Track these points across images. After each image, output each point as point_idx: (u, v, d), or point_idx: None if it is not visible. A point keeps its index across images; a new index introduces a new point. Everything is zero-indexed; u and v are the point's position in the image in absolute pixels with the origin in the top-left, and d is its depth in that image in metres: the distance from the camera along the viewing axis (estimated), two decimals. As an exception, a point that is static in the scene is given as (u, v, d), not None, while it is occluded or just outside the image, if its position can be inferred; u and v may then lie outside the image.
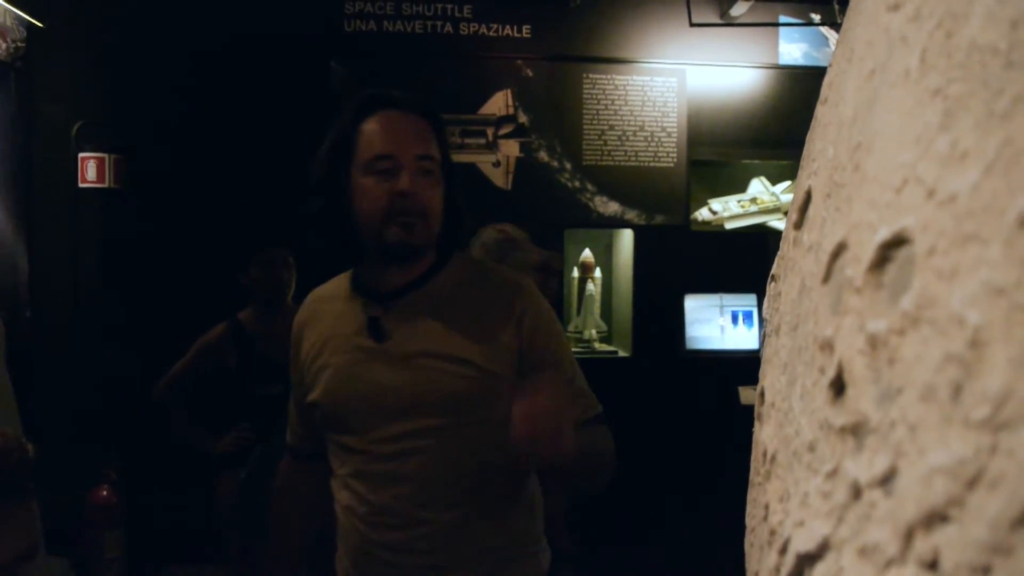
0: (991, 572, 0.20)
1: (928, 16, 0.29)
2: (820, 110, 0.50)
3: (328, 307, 1.46)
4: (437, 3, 3.34)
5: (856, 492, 0.28)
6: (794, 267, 0.44)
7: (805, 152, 0.52)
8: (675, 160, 3.46)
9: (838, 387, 0.31)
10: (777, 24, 3.47)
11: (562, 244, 3.47)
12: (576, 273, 3.60)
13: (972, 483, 0.21)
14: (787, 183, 3.66)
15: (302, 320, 1.51)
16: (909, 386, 0.25)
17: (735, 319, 3.56)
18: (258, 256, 2.76)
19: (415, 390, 1.32)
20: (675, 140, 3.46)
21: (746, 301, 3.58)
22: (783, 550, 0.37)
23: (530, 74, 3.39)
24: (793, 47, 3.53)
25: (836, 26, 3.39)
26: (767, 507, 0.41)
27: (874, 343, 0.28)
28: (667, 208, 3.47)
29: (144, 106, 3.33)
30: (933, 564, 0.22)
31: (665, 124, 3.45)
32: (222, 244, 3.08)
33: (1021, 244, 0.21)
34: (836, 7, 3.18)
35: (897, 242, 0.28)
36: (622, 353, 3.52)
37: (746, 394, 3.31)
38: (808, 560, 0.33)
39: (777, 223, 3.62)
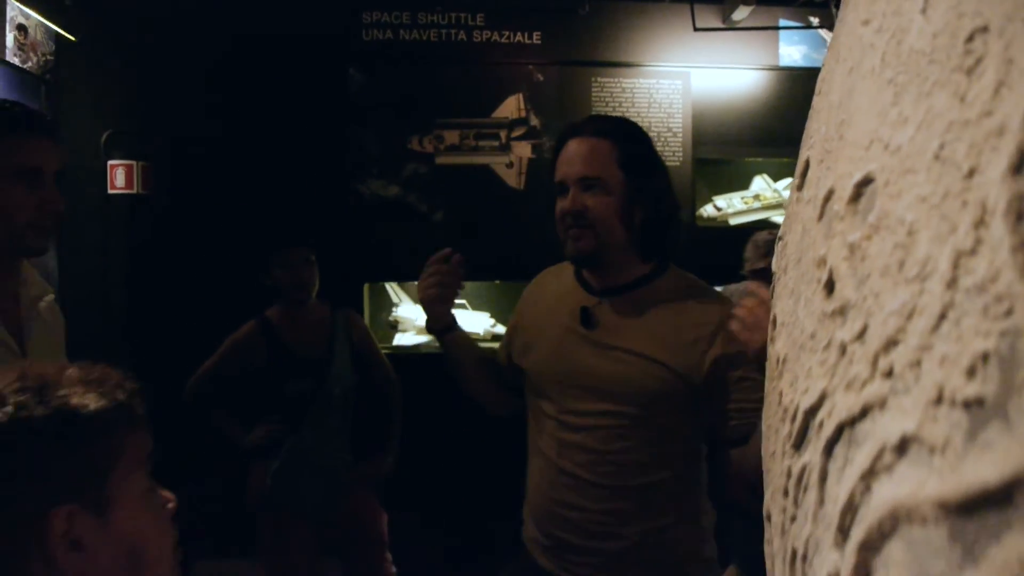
0: (921, 363, 0.34)
1: (886, 29, 0.43)
2: (816, 100, 0.63)
3: (552, 285, 1.72)
4: (451, 12, 3.49)
5: (843, 350, 0.42)
6: (797, 218, 0.57)
7: (805, 133, 0.65)
8: (681, 159, 3.60)
9: (829, 287, 0.45)
10: (777, 28, 3.60)
11: (573, 241, 3.60)
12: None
13: (910, 315, 0.35)
14: (788, 180, 3.79)
15: (529, 291, 1.81)
16: (874, 270, 0.39)
17: (740, 311, 3.68)
18: (279, 256, 2.82)
19: (611, 378, 1.51)
20: (680, 140, 3.59)
21: (751, 294, 3.70)
22: (793, 418, 0.50)
23: (541, 78, 3.53)
24: (793, 49, 3.66)
25: (833, 29, 3.52)
26: (780, 394, 0.54)
27: (852, 249, 0.42)
28: (673, 205, 3.60)
29: (170, 114, 3.47)
30: (889, 372, 0.36)
31: (671, 124, 3.59)
32: (247, 245, 3.20)
33: (935, 170, 0.34)
34: (834, 11, 3.32)
35: (866, 181, 0.41)
36: (632, 345, 3.64)
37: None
38: (811, 413, 0.46)
39: (780, 219, 3.75)
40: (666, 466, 1.52)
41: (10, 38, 3.26)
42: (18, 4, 3.26)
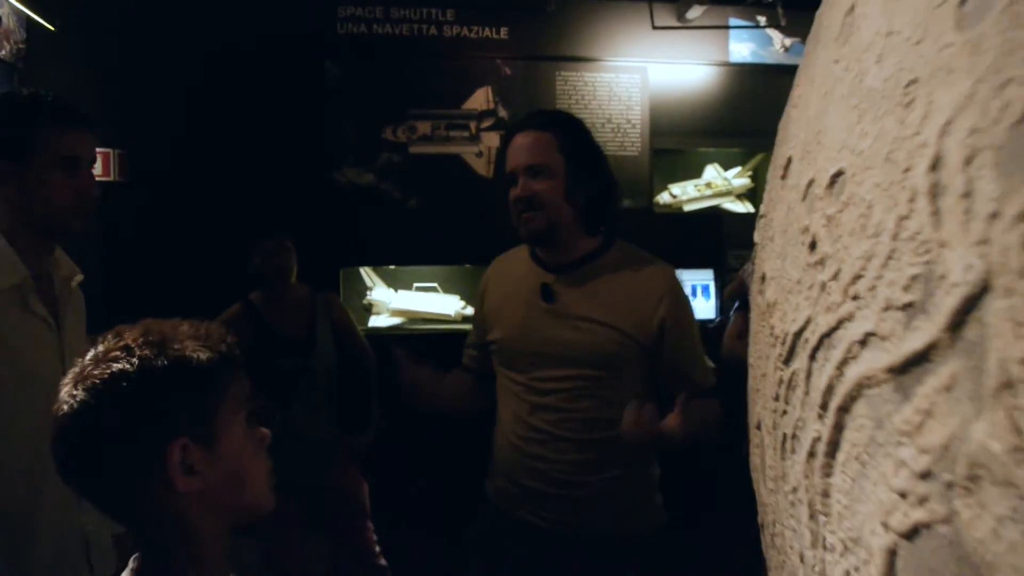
0: (876, 288, 0.54)
1: (851, 70, 0.63)
2: (792, 111, 0.83)
3: (510, 269, 1.88)
4: (422, 7, 3.62)
5: (823, 287, 0.62)
6: (782, 200, 0.77)
7: (781, 136, 0.85)
8: (639, 149, 3.81)
9: (812, 245, 0.65)
10: (727, 27, 3.83)
11: (538, 227, 3.79)
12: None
13: (869, 258, 0.55)
14: (738, 168, 4.04)
15: (488, 276, 1.95)
16: (844, 232, 0.59)
17: (694, 292, 3.93)
18: (256, 246, 2.97)
19: (572, 345, 1.68)
20: (639, 131, 3.80)
21: (704, 276, 3.95)
22: (783, 341, 0.70)
23: (508, 72, 3.70)
24: (742, 46, 3.90)
25: (779, 28, 3.77)
26: (772, 328, 0.74)
27: (829, 219, 0.62)
28: (632, 193, 3.81)
29: (146, 103, 3.54)
30: (856, 296, 0.56)
31: (630, 116, 3.79)
32: (223, 231, 3.31)
33: (885, 168, 0.55)
34: (780, 11, 3.56)
35: (839, 173, 0.61)
36: (595, 325, 3.85)
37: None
38: (798, 334, 0.66)
39: (730, 205, 4.00)
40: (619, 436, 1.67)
41: (-15, 27, 3.30)
42: (-8, -7, 3.31)
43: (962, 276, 0.45)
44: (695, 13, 3.63)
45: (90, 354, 0.92)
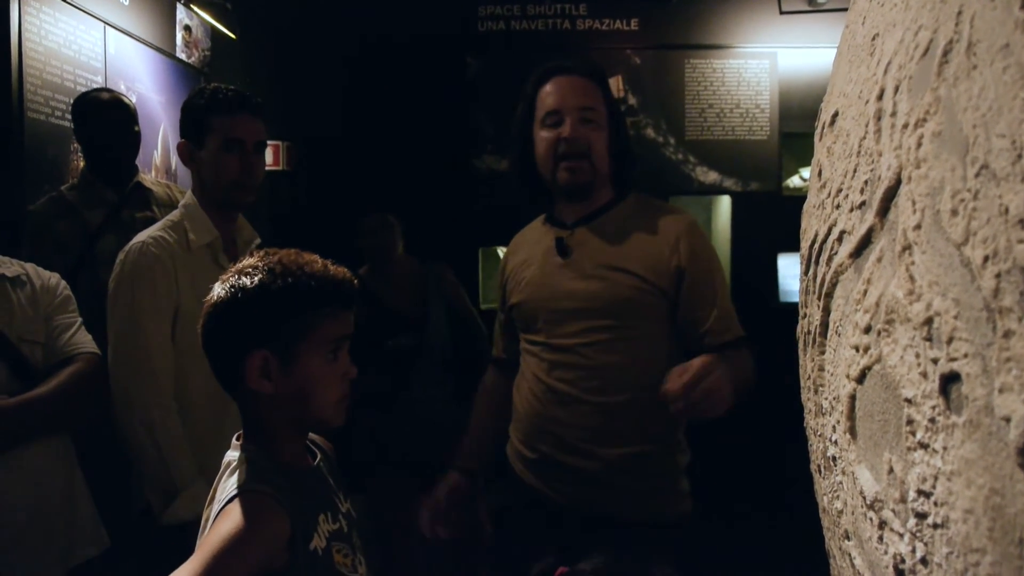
0: (848, 195, 0.70)
1: (851, 30, 0.78)
2: (835, 73, 0.97)
3: (527, 238, 1.83)
4: (556, 4, 3.83)
5: (823, 205, 0.78)
6: (833, 147, 0.93)
7: (829, 91, 0.99)
8: (768, 133, 3.85)
9: (819, 174, 0.81)
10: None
11: (666, 211, 3.91)
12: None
13: (846, 174, 0.71)
14: (873, 152, 3.99)
15: (508, 252, 1.88)
16: (836, 158, 0.75)
17: (824, 276, 3.91)
18: (359, 224, 3.08)
19: (587, 295, 1.60)
20: (767, 115, 3.84)
21: (835, 260, 3.93)
22: (804, 257, 0.86)
23: (638, 62, 3.84)
24: (876, 28, 3.85)
25: (916, 8, 3.69)
26: (801, 253, 0.90)
27: (828, 151, 0.77)
28: (761, 176, 3.85)
29: (310, 100, 3.96)
30: (838, 206, 0.72)
31: (759, 101, 3.84)
32: (375, 210, 3.63)
33: (858, 104, 0.70)
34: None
35: (836, 113, 0.77)
36: (721, 306, 3.92)
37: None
38: (810, 248, 0.82)
39: (864, 188, 3.96)
40: (647, 386, 1.52)
41: (179, 37, 3.81)
42: (185, 7, 3.81)
43: (887, 174, 0.61)
44: (828, -4, 3.64)
45: (242, 262, 1.12)
